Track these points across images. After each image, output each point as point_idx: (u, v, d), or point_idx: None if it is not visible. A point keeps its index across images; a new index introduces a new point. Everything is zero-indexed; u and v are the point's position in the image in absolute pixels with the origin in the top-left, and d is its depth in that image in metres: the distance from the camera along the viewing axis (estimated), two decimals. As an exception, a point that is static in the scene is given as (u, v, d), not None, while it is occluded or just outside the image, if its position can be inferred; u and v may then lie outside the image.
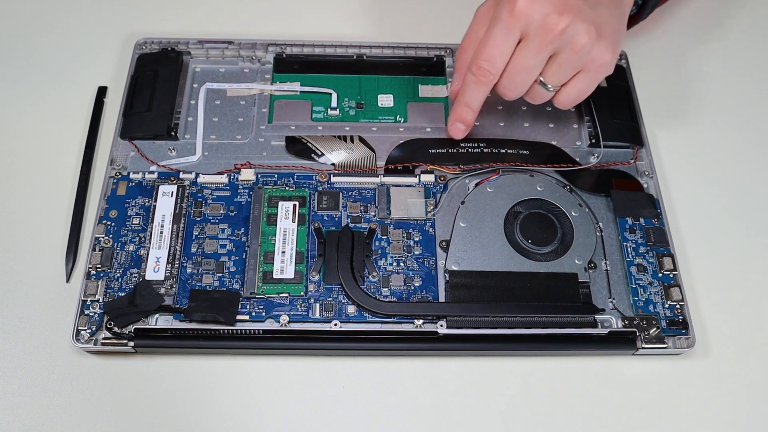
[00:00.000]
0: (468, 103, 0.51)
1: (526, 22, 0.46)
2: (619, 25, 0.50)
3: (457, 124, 0.53)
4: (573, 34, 0.46)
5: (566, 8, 0.46)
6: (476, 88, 0.50)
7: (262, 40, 0.59)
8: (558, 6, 0.46)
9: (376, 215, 0.52)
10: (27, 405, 0.46)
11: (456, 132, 0.53)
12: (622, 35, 0.50)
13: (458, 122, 0.52)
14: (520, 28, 0.47)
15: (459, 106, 0.52)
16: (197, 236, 0.50)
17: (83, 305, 0.47)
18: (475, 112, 0.52)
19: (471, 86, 0.50)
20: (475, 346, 0.48)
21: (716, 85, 0.62)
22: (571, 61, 0.48)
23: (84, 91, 0.58)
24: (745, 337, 0.50)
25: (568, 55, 0.47)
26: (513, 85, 0.49)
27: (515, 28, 0.47)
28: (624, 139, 0.56)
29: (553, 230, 0.51)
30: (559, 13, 0.46)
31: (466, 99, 0.51)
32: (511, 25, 0.47)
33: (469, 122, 0.52)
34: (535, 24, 0.46)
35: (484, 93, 0.50)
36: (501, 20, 0.47)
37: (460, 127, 0.53)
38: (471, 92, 0.50)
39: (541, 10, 0.46)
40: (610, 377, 0.48)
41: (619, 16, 0.50)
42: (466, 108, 0.51)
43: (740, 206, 0.55)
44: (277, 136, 0.55)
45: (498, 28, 0.47)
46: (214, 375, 0.47)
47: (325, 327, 0.47)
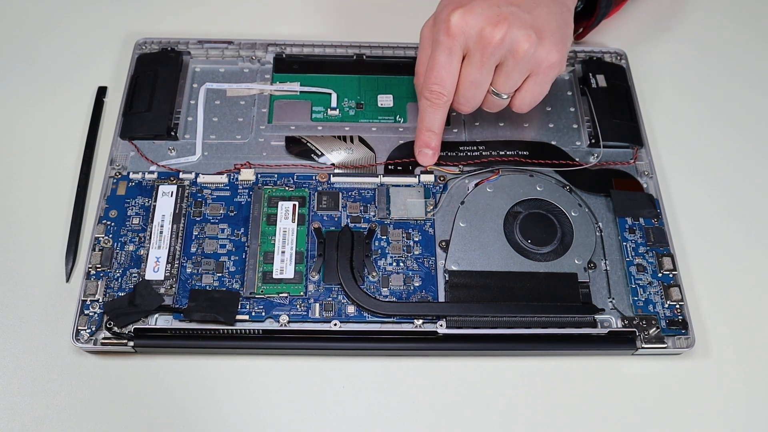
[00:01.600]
0: (429, 127, 0.51)
1: (463, 38, 0.47)
2: (562, 21, 0.49)
3: (423, 150, 0.52)
4: (512, 42, 0.46)
5: (499, 18, 0.46)
6: (433, 111, 0.50)
7: (262, 40, 0.59)
8: (491, 18, 0.46)
9: (375, 215, 0.52)
10: (27, 405, 0.46)
11: (424, 159, 0.53)
12: (568, 31, 0.50)
13: (424, 148, 0.52)
14: (460, 45, 0.47)
15: (421, 133, 0.52)
16: (197, 236, 0.50)
17: (83, 305, 0.47)
18: (439, 135, 0.52)
19: (428, 111, 0.50)
20: (474, 346, 0.48)
21: (716, 85, 0.62)
22: (518, 68, 0.48)
23: (84, 91, 0.58)
24: (745, 337, 0.50)
25: (513, 63, 0.47)
26: (467, 101, 0.50)
27: (455, 47, 0.47)
28: (624, 139, 0.56)
29: (552, 230, 0.51)
30: (493, 25, 0.46)
31: (426, 124, 0.51)
32: (450, 44, 0.47)
33: (435, 147, 0.52)
34: (472, 39, 0.47)
35: (443, 114, 0.51)
36: (440, 42, 0.47)
37: (428, 152, 0.52)
38: (429, 116, 0.51)
39: (475, 25, 0.46)
40: (610, 377, 0.48)
41: (560, 13, 0.49)
42: (429, 132, 0.52)
43: (740, 206, 0.55)
44: (277, 136, 0.55)
45: (440, 50, 0.48)
46: (214, 375, 0.47)
47: (325, 327, 0.47)
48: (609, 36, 0.63)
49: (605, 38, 0.63)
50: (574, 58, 0.60)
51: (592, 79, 0.58)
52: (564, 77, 0.60)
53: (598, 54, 0.60)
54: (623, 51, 0.61)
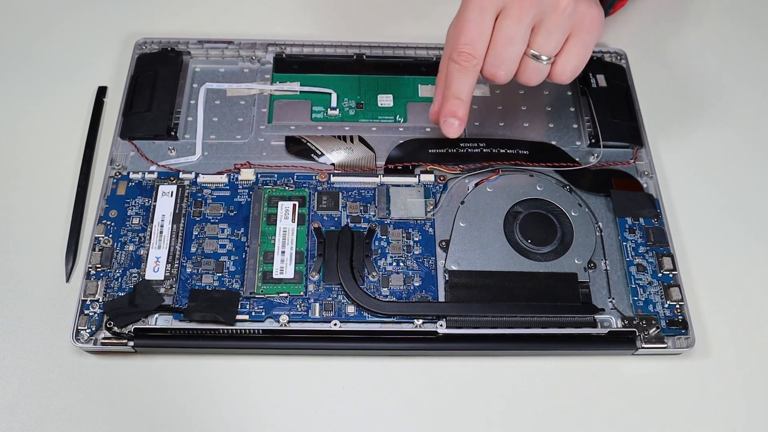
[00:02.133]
0: (456, 94, 0.47)
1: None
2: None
3: (449, 120, 0.48)
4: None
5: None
6: (462, 76, 0.46)
7: (262, 40, 0.59)
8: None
9: (375, 215, 0.52)
10: (27, 405, 0.46)
11: (449, 129, 0.48)
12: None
13: (450, 117, 0.47)
14: (494, 2, 0.43)
15: (448, 100, 0.47)
16: (197, 236, 0.50)
17: (83, 305, 0.47)
18: (467, 103, 0.47)
19: (456, 75, 0.46)
20: (474, 345, 0.48)
21: (716, 85, 0.62)
22: (559, 24, 0.44)
23: (84, 91, 0.58)
24: (745, 337, 0.50)
25: (554, 18, 0.44)
26: (501, 63, 0.45)
27: (488, 4, 0.43)
28: (624, 139, 0.56)
29: (552, 230, 0.51)
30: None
31: (453, 90, 0.47)
32: (482, 2, 0.43)
33: (461, 116, 0.47)
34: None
35: (472, 80, 0.46)
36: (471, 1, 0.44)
37: (453, 122, 0.48)
38: (457, 82, 0.46)
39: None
40: (610, 377, 0.48)
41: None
42: (456, 100, 0.47)
43: (740, 206, 0.55)
44: (277, 136, 0.55)
45: (470, 8, 0.44)
46: (213, 375, 0.47)
47: (325, 327, 0.47)
48: (609, 36, 0.63)
49: (605, 38, 0.63)
50: (574, 58, 0.60)
51: (592, 79, 0.58)
52: (564, 77, 0.60)
53: (598, 54, 0.60)
54: (623, 51, 0.61)
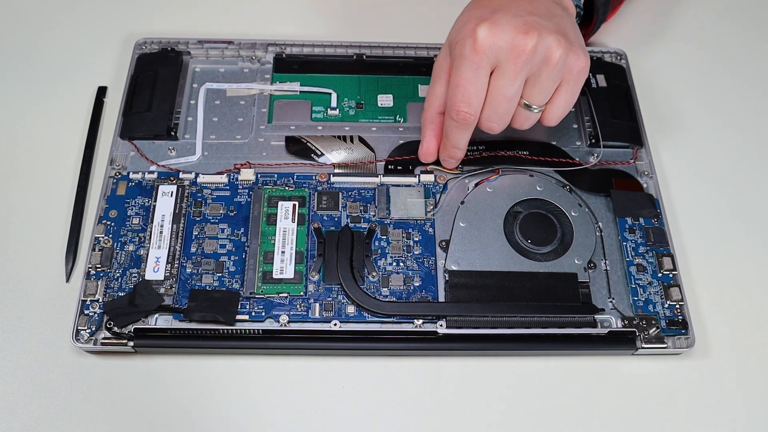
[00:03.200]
0: (455, 145, 0.50)
1: (493, 52, 0.45)
2: (576, 28, 0.49)
3: (449, 160, 0.52)
4: (544, 49, 0.45)
5: (528, 27, 0.45)
6: (459, 132, 0.49)
7: (261, 40, 0.59)
8: (520, 27, 0.45)
9: (375, 215, 0.52)
10: (27, 405, 0.46)
11: (450, 165, 0.53)
12: (581, 37, 0.49)
13: (450, 159, 0.52)
14: (488, 60, 0.45)
15: (447, 148, 0.51)
16: (197, 236, 0.50)
17: (83, 305, 0.47)
18: (464, 150, 0.51)
19: (454, 132, 0.49)
20: (474, 346, 0.48)
21: (716, 84, 0.62)
22: (551, 76, 0.46)
23: (84, 91, 0.58)
24: (745, 337, 0.50)
25: (546, 71, 0.46)
26: (497, 118, 0.48)
27: (483, 62, 0.45)
28: (624, 139, 0.56)
29: (552, 230, 0.51)
30: (524, 34, 0.45)
31: (452, 143, 0.50)
32: (478, 60, 0.45)
33: (460, 158, 0.52)
34: (503, 51, 0.45)
35: (469, 134, 0.49)
36: (466, 58, 0.45)
37: (452, 161, 0.52)
38: (455, 137, 0.49)
39: (505, 37, 0.45)
40: (610, 377, 0.48)
41: (572, 22, 0.49)
42: (454, 149, 0.51)
43: (740, 206, 0.55)
44: (277, 136, 0.55)
45: (465, 66, 0.46)
46: (213, 375, 0.47)
47: (325, 327, 0.47)
48: (609, 36, 0.63)
49: (605, 38, 0.63)
50: (574, 58, 0.60)
51: (592, 79, 0.58)
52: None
53: (598, 54, 0.60)
54: (623, 51, 0.61)
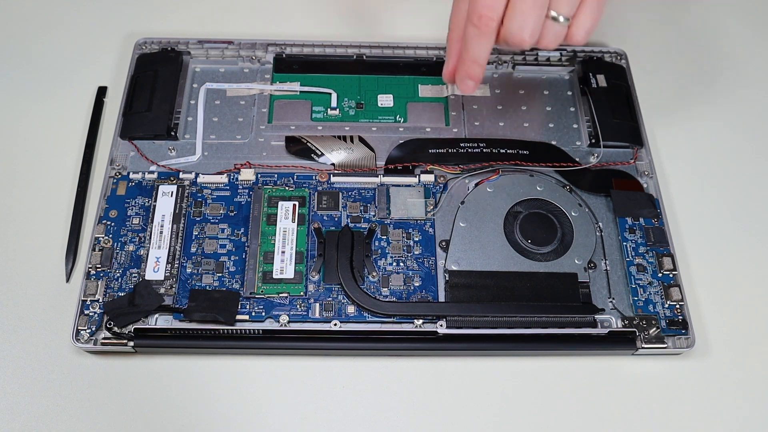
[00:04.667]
0: (474, 58, 0.47)
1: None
2: None
3: (467, 81, 0.49)
4: None
5: None
6: (480, 40, 0.46)
7: (262, 40, 0.59)
8: None
9: (375, 215, 0.52)
10: (27, 405, 0.46)
11: (466, 88, 0.49)
12: None
13: (467, 78, 0.49)
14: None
15: (465, 63, 0.48)
16: (197, 236, 0.50)
17: (83, 305, 0.47)
18: (483, 66, 0.48)
19: (474, 40, 0.46)
20: (474, 346, 0.48)
21: (716, 84, 0.62)
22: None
23: (84, 91, 0.58)
24: (745, 337, 0.50)
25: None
26: (527, 26, 0.45)
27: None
28: (624, 139, 0.56)
29: (552, 230, 0.51)
30: None
31: (471, 55, 0.47)
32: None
33: (478, 78, 0.49)
34: None
35: (490, 43, 0.46)
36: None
37: (470, 83, 0.49)
38: (476, 46, 0.47)
39: None
40: (610, 377, 0.48)
41: None
42: (473, 64, 0.48)
43: (740, 206, 0.55)
44: (277, 136, 0.55)
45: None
46: (214, 375, 0.47)
47: (325, 327, 0.47)
48: (609, 36, 0.63)
49: (605, 38, 0.63)
50: (575, 58, 0.60)
51: (592, 79, 0.58)
52: (564, 77, 0.60)
53: (598, 54, 0.60)
54: (623, 51, 0.61)
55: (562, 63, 0.60)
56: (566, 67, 0.60)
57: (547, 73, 0.60)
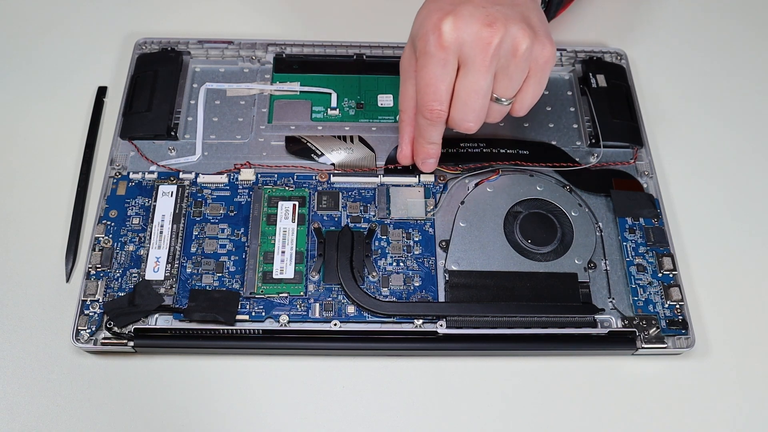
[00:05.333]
0: (429, 140, 0.49)
1: (457, 46, 0.44)
2: (541, 14, 0.47)
3: (427, 161, 0.51)
4: (510, 40, 0.44)
5: (492, 19, 0.44)
6: (433, 128, 0.48)
7: (262, 40, 0.59)
8: (483, 19, 0.44)
9: (375, 215, 0.52)
10: (27, 405, 0.46)
11: (428, 167, 0.51)
12: (546, 22, 0.47)
13: (427, 159, 0.51)
14: (455, 54, 0.44)
15: (422, 146, 0.50)
16: (197, 236, 0.50)
17: (83, 305, 0.47)
18: (440, 144, 0.50)
19: (427, 129, 0.48)
20: (474, 346, 0.48)
21: (716, 84, 0.62)
22: (519, 68, 0.45)
23: (84, 91, 0.58)
24: (745, 337, 0.50)
25: (514, 63, 0.45)
26: (474, 115, 0.47)
27: (450, 57, 0.44)
28: (624, 139, 0.56)
29: (552, 230, 0.51)
30: (488, 26, 0.43)
31: (426, 140, 0.49)
32: (444, 56, 0.44)
33: (437, 155, 0.51)
34: (469, 45, 0.44)
35: (442, 129, 0.48)
36: (432, 55, 0.44)
37: (430, 161, 0.51)
38: (429, 133, 0.49)
39: (470, 30, 0.44)
40: (610, 377, 0.48)
41: (536, 7, 0.47)
42: (430, 144, 0.50)
43: (740, 206, 0.55)
44: (277, 136, 0.55)
45: (432, 64, 0.44)
46: (214, 375, 0.47)
47: (325, 327, 0.47)
48: (609, 36, 0.63)
49: (605, 38, 0.63)
50: (575, 58, 0.60)
51: (592, 79, 0.58)
52: (564, 77, 0.60)
53: (598, 54, 0.60)
54: (623, 51, 0.61)
55: (562, 63, 0.60)
56: (566, 67, 0.60)
57: (547, 73, 0.60)
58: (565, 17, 0.64)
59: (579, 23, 0.64)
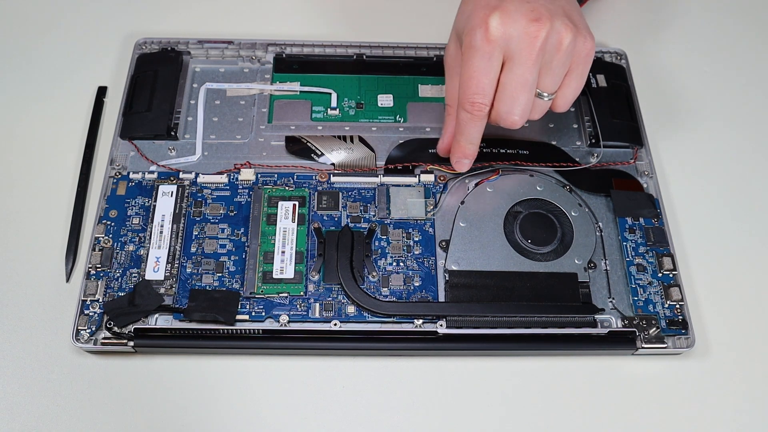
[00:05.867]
0: (469, 140, 0.49)
1: (505, 41, 0.44)
2: (578, 8, 0.48)
3: (463, 161, 0.51)
4: (555, 35, 0.45)
5: (537, 14, 0.44)
6: (474, 124, 0.48)
7: (262, 40, 0.59)
8: (529, 14, 0.44)
9: (375, 215, 0.52)
10: (27, 405, 0.46)
11: (462, 167, 0.51)
12: (584, 17, 0.48)
13: (463, 159, 0.51)
14: (501, 49, 0.45)
15: (460, 144, 0.50)
16: (197, 236, 0.50)
17: (83, 305, 0.47)
18: (477, 146, 0.50)
19: (468, 124, 0.48)
20: (474, 346, 0.48)
21: (716, 85, 0.62)
22: (562, 62, 0.46)
23: (84, 91, 0.58)
24: (745, 337, 0.50)
25: (558, 57, 0.45)
26: (520, 109, 0.47)
27: (495, 52, 0.45)
28: (624, 139, 0.56)
29: (552, 230, 0.51)
30: (535, 21, 0.44)
31: (466, 137, 0.49)
32: (490, 50, 0.45)
33: (473, 156, 0.51)
34: (516, 40, 0.44)
35: (482, 126, 0.49)
36: (477, 48, 0.45)
37: (465, 162, 0.51)
38: (470, 130, 0.49)
39: (517, 25, 0.44)
40: (610, 377, 0.48)
41: (574, 2, 0.48)
42: (469, 145, 0.50)
43: (740, 206, 0.55)
44: (277, 136, 0.55)
45: (477, 57, 0.45)
46: (214, 375, 0.47)
47: (325, 327, 0.47)
48: (609, 36, 0.63)
49: (605, 38, 0.63)
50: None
51: (592, 79, 0.58)
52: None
53: (598, 54, 0.60)
54: (623, 51, 0.61)
55: (562, 63, 0.60)
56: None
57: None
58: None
59: (579, 23, 0.64)
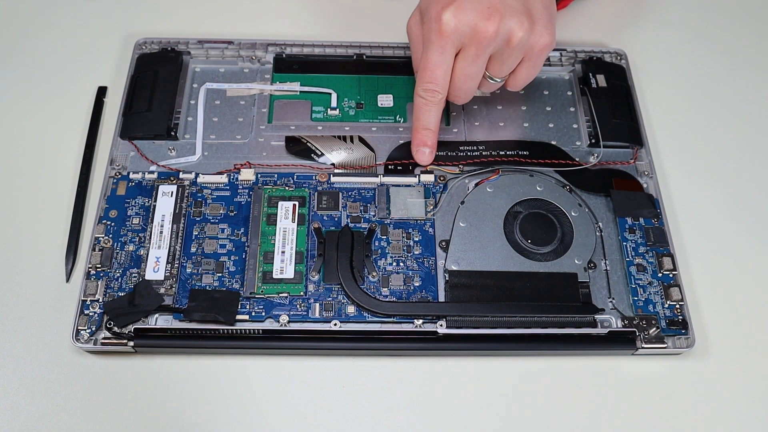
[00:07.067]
0: (425, 125, 0.52)
1: (457, 36, 0.47)
2: (547, 3, 0.49)
3: (421, 149, 0.52)
4: (506, 32, 0.47)
5: (491, 11, 0.46)
6: (428, 109, 0.51)
7: (262, 40, 0.59)
8: (482, 11, 0.46)
9: (375, 215, 0.52)
10: (27, 405, 0.46)
11: (422, 157, 0.53)
12: (552, 8, 0.50)
13: (421, 147, 0.52)
14: (453, 43, 0.47)
15: (417, 131, 0.52)
16: (197, 236, 0.50)
17: (83, 305, 0.47)
18: (435, 132, 0.52)
19: (423, 109, 0.51)
20: (474, 346, 0.48)
21: (716, 84, 0.62)
22: (512, 55, 0.48)
23: (84, 91, 0.58)
24: (745, 337, 0.50)
25: (508, 51, 0.48)
26: (462, 93, 0.50)
27: (448, 45, 0.47)
28: (624, 139, 0.56)
29: (552, 230, 0.51)
30: (486, 19, 0.46)
31: (422, 122, 0.51)
32: (443, 43, 0.47)
33: (431, 144, 0.52)
34: (466, 36, 0.47)
35: (438, 111, 0.51)
36: (432, 41, 0.48)
37: (425, 151, 0.52)
38: (425, 115, 0.51)
39: (468, 21, 0.46)
40: (610, 377, 0.48)
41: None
42: (425, 131, 0.52)
43: (740, 206, 0.55)
44: (277, 136, 0.55)
45: (432, 49, 0.48)
46: (214, 375, 0.47)
47: (325, 327, 0.47)
48: (609, 36, 0.63)
49: (605, 38, 0.63)
50: (575, 58, 0.60)
51: (592, 79, 0.58)
52: (564, 77, 0.60)
53: (598, 54, 0.60)
54: (623, 51, 0.61)
55: (562, 63, 0.60)
56: (566, 67, 0.60)
57: (547, 73, 0.60)
58: (566, 17, 0.64)
59: (579, 23, 0.64)
